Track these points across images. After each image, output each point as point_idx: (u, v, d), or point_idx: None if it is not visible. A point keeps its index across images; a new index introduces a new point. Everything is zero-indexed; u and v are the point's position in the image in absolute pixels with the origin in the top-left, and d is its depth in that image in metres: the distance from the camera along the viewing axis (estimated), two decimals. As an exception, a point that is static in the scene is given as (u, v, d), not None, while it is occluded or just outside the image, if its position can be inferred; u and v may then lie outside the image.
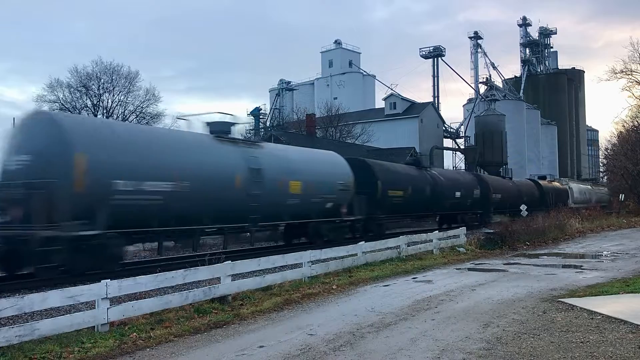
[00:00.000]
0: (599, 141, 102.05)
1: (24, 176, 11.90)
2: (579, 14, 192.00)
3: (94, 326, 8.32)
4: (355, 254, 15.77)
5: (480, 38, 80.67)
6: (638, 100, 51.86)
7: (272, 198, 16.96)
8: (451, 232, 22.24)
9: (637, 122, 54.29)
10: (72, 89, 43.37)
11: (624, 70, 49.91)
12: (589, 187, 63.73)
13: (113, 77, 44.36)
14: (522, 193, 40.17)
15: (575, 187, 55.85)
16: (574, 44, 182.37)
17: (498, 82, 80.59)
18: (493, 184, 36.23)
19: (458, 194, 30.06)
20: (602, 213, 43.14)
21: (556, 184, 52.72)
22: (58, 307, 8.82)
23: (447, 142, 70.10)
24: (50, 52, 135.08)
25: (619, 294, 10.99)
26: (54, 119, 13.32)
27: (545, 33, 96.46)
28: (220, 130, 17.03)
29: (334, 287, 12.48)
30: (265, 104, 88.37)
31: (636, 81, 50.20)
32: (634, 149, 49.59)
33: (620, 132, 58.32)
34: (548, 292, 11.47)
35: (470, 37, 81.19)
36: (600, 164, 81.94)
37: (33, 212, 11.47)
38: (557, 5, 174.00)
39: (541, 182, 48.00)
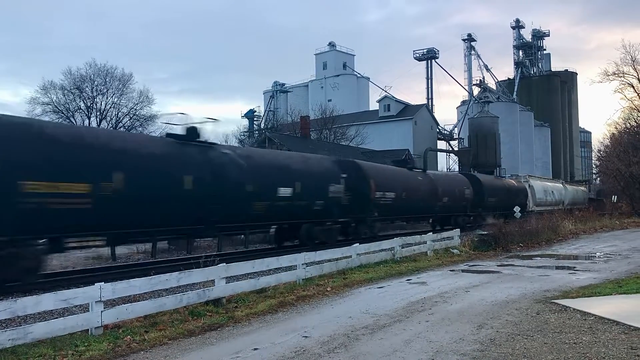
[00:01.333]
0: (592, 143, 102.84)
1: None
2: (571, 16, 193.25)
3: (88, 329, 8.30)
4: (350, 256, 15.78)
5: (474, 40, 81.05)
6: (630, 102, 52.22)
7: None
8: (445, 234, 22.29)
9: (629, 124, 54.63)
10: (65, 91, 43.28)
11: (616, 72, 50.26)
12: (560, 185, 55.02)
13: (107, 79, 44.32)
14: (441, 192, 29.00)
15: (538, 185, 46.59)
16: (567, 46, 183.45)
17: (491, 84, 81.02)
18: (377, 176, 23.75)
19: (286, 191, 18.08)
20: (595, 214, 43.29)
21: (510, 181, 42.51)
22: (52, 310, 8.81)
23: (441, 144, 70.49)
24: (44, 54, 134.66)
25: (611, 295, 11.05)
26: None
27: (538, 35, 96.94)
28: None
29: (329, 289, 12.49)
30: (259, 106, 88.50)
31: (628, 83, 50.56)
32: (627, 150, 49.83)
33: (613, 134, 58.68)
34: (541, 293, 11.52)
35: (463, 40, 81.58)
36: (593, 166, 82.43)
37: None
38: (549, 8, 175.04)
39: (482, 177, 37.36)
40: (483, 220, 33.51)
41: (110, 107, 44.78)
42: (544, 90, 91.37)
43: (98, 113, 44.06)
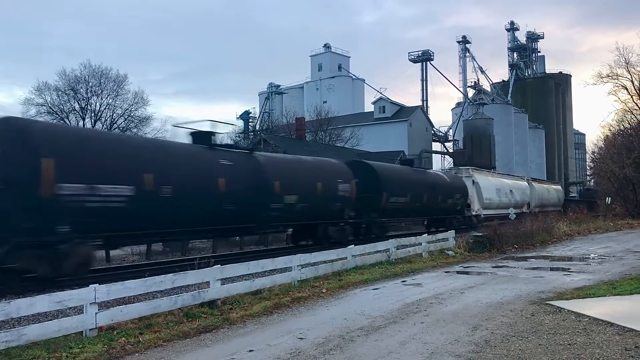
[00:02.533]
0: (586, 145, 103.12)
1: None
2: (565, 19, 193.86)
3: (82, 331, 8.28)
4: (345, 258, 15.78)
5: (469, 42, 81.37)
6: (624, 104, 52.40)
7: None
8: (440, 235, 22.31)
9: (623, 126, 54.89)
10: (60, 93, 43.17)
11: (610, 74, 50.42)
12: (524, 183, 45.61)
13: (101, 81, 44.27)
14: (281, 187, 18.00)
15: (487, 182, 36.90)
16: (560, 49, 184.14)
17: (486, 86, 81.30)
18: (71, 152, 12.51)
19: None
20: (589, 216, 43.38)
21: (439, 174, 31.63)
22: (46, 312, 8.78)
23: (436, 146, 70.74)
24: (38, 55, 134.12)
25: (605, 296, 11.09)
26: None
27: (533, 37, 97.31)
28: None
29: (324, 290, 12.49)
30: (254, 108, 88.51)
31: (622, 85, 50.72)
32: (620, 152, 50.03)
33: (607, 135, 58.87)
34: (536, 294, 11.55)
35: (458, 42, 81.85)
36: (588, 168, 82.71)
37: None
38: (542, 10, 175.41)
39: (380, 166, 25.41)
40: (382, 232, 23.52)
41: (105, 109, 44.74)
42: (538, 92, 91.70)
43: (92, 114, 43.99)
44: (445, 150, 70.57)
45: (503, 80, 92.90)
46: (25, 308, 7.84)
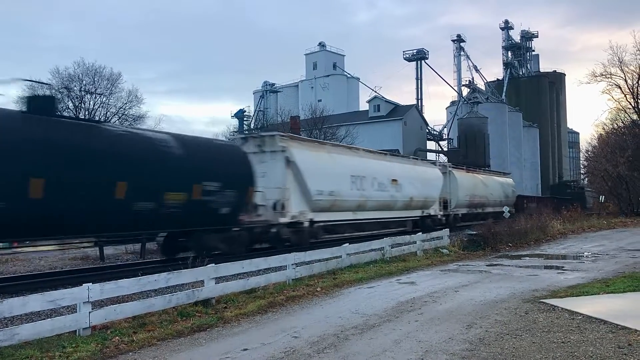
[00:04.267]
0: (580, 143, 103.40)
1: None
2: (557, 18, 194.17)
3: (76, 330, 8.25)
4: (340, 256, 15.80)
5: (463, 41, 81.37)
6: (617, 103, 52.58)
7: None
8: (435, 234, 22.37)
9: (617, 124, 55.09)
10: (53, 91, 42.88)
11: (603, 73, 50.57)
12: (434, 170, 30.84)
13: (95, 79, 44.04)
14: None
15: (319, 162, 20.98)
16: (554, 48, 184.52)
17: (480, 85, 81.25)
18: None
19: None
20: (583, 214, 43.45)
21: (160, 145, 14.34)
22: (39, 311, 8.74)
23: (431, 144, 70.74)
24: (32, 53, 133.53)
25: (599, 294, 11.13)
26: None
27: (527, 36, 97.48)
28: None
29: (318, 289, 12.49)
30: (249, 106, 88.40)
31: (615, 84, 50.88)
32: (614, 151, 50.19)
33: (601, 134, 59.07)
34: (530, 293, 11.58)
35: (453, 40, 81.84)
36: (581, 166, 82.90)
37: None
38: (535, 9, 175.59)
39: None
40: None
41: (99, 107, 44.52)
42: (532, 91, 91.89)
43: (86, 113, 43.76)
44: (440, 149, 70.67)
45: (497, 79, 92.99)
46: (18, 307, 7.81)
